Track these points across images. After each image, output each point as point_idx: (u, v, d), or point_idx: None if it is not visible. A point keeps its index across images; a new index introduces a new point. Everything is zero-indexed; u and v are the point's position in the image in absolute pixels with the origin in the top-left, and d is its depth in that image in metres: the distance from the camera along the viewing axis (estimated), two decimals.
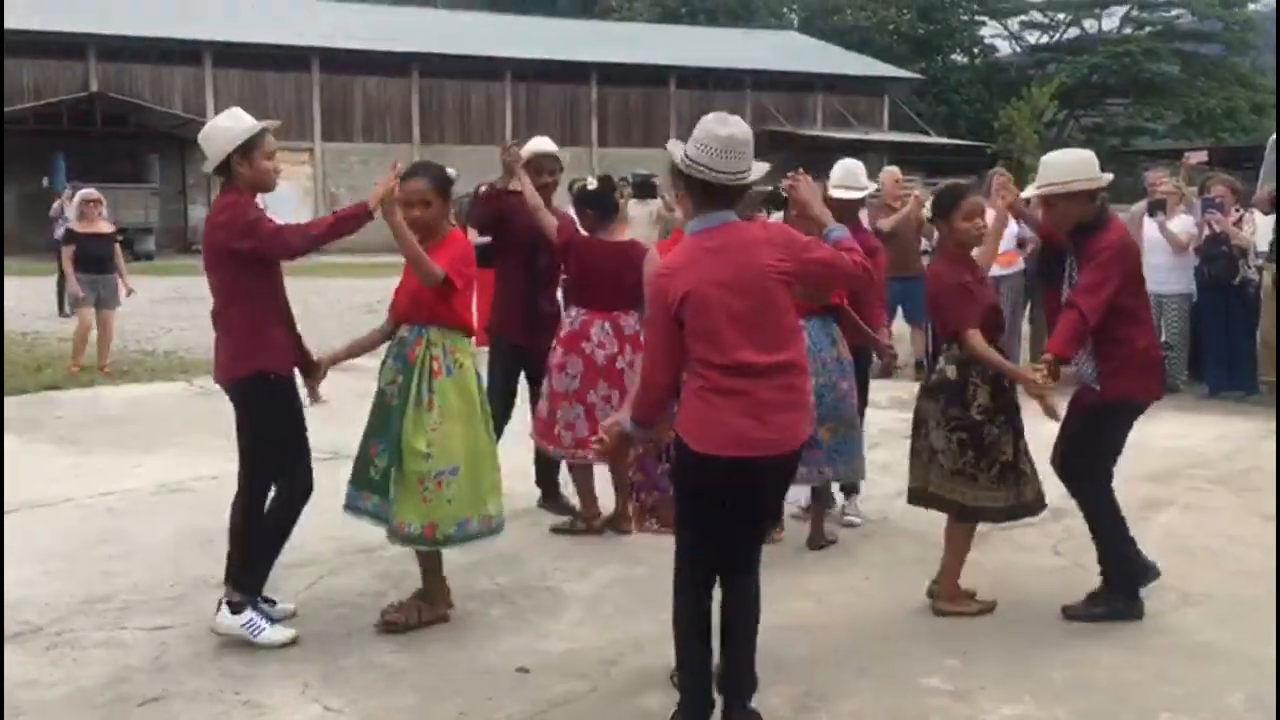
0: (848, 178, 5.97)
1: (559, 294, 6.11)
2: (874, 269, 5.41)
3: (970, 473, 4.59)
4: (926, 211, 4.92)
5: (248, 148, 4.34)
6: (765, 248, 3.48)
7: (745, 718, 3.66)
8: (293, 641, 4.40)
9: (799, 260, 3.50)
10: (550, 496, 6.16)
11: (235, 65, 33.06)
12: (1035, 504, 4.76)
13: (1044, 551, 5.51)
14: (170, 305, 16.01)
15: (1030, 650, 4.38)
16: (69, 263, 10.95)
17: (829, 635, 4.52)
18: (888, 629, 4.61)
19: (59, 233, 15.35)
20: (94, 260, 10.89)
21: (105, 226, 11.19)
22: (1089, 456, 4.73)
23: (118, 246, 11.19)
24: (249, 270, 4.36)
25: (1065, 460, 4.79)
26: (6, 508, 6.09)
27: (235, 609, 4.41)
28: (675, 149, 3.56)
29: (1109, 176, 4.73)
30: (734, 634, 3.67)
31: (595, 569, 5.25)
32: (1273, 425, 8.44)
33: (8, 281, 18.82)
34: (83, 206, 11.19)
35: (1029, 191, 4.85)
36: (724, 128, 3.47)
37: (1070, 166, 4.66)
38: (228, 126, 4.39)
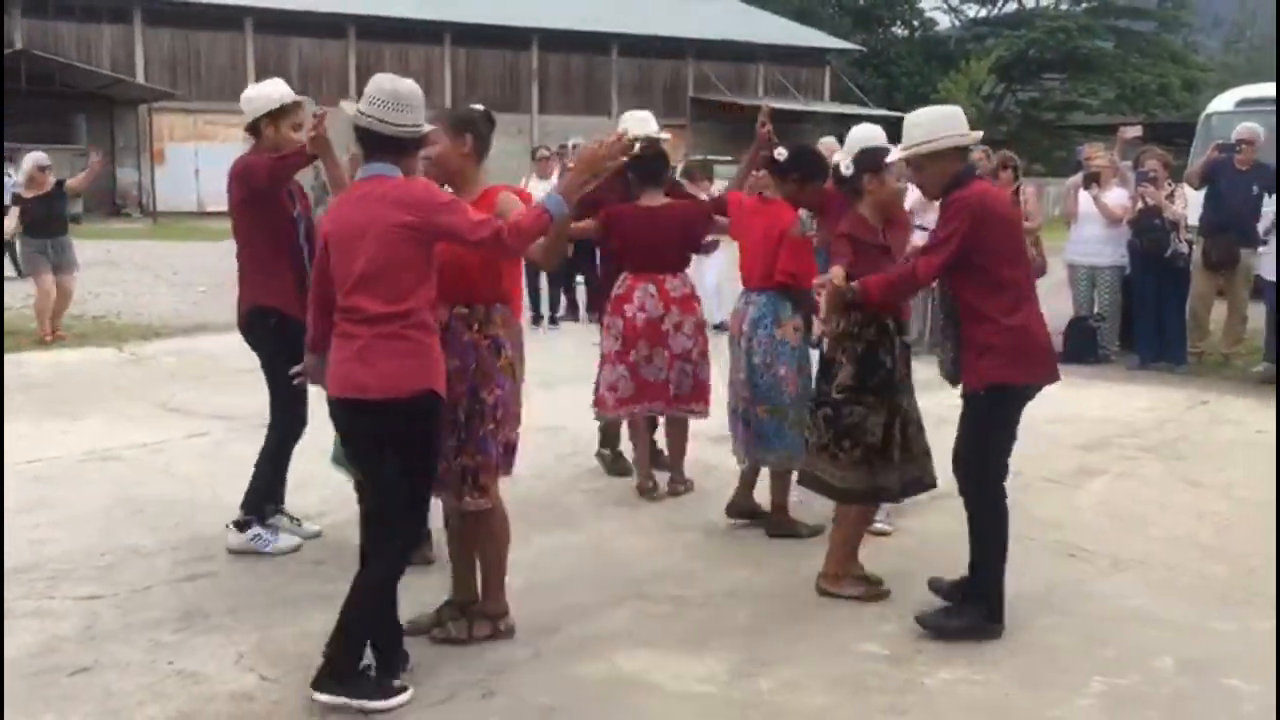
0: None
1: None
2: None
3: (832, 451, 4.46)
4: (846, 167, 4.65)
5: (278, 114, 4.87)
6: (394, 202, 3.55)
7: (325, 687, 3.59)
8: (298, 548, 4.98)
9: (425, 218, 3.54)
10: (613, 458, 6.36)
11: (166, 24, 32.27)
12: (896, 491, 4.55)
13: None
14: (99, 270, 15.70)
15: None
16: (14, 229, 10.69)
17: (767, 602, 4.53)
18: (825, 596, 4.63)
19: None
20: (45, 223, 10.67)
21: (50, 185, 10.92)
22: (974, 453, 4.24)
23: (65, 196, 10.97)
24: (258, 216, 4.83)
25: (955, 457, 4.30)
26: None
27: (241, 527, 4.95)
28: (348, 106, 3.69)
29: (978, 134, 4.37)
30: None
31: (537, 536, 5.22)
32: (1201, 396, 8.63)
33: None
34: (34, 174, 10.87)
35: (894, 155, 4.37)
36: (392, 83, 3.64)
37: (936, 124, 4.21)
38: (265, 94, 4.92)
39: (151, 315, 12.11)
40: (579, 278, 12.61)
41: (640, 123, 6.12)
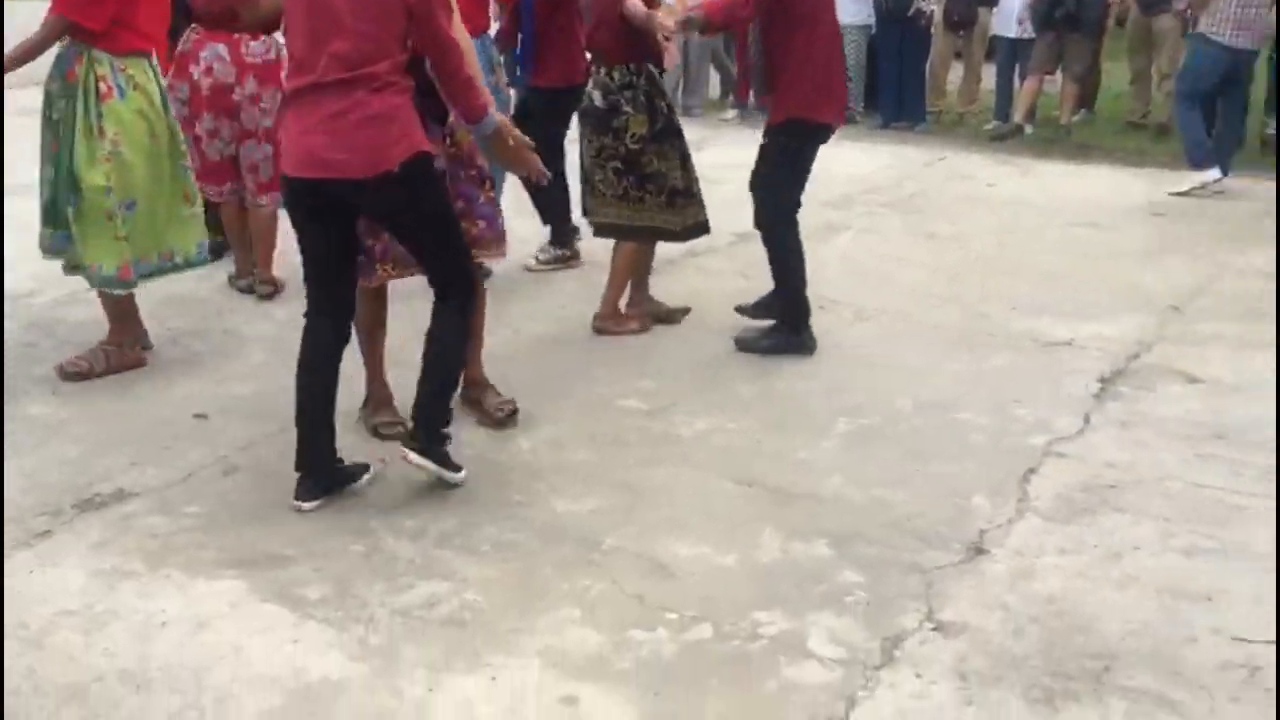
0: None
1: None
2: None
3: (635, 195, 4.61)
4: None
5: None
6: None
7: (424, 453, 3.43)
8: None
9: None
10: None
11: None
12: (705, 225, 4.84)
13: (730, 276, 5.64)
14: None
15: (719, 369, 4.51)
16: None
17: (527, 363, 4.47)
18: (584, 356, 4.62)
19: None
20: None
21: None
22: (771, 183, 4.69)
23: None
24: None
25: (752, 186, 4.72)
26: None
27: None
28: None
29: None
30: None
31: (275, 309, 4.94)
32: (938, 153, 8.95)
33: None
34: None
35: None
36: None
37: None
38: None
39: None
40: None
41: None
